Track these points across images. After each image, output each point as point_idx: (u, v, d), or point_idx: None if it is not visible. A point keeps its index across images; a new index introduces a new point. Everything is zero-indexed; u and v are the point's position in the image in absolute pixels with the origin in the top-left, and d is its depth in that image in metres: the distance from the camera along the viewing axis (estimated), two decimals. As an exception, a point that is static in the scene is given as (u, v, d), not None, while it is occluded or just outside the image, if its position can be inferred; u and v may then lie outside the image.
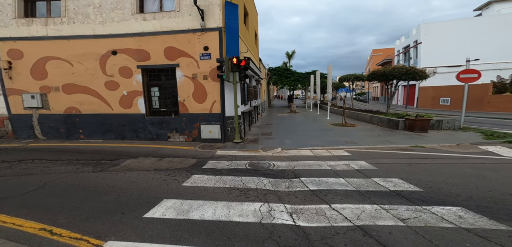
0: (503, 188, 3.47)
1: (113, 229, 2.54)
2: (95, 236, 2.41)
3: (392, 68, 10.68)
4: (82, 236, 2.41)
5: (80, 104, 7.86)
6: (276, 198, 3.33)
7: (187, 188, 3.73)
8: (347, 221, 2.65)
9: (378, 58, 41.62)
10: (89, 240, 2.34)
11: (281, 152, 6.12)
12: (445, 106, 20.52)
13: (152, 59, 7.30)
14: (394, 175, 4.13)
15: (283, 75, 24.57)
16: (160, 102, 7.75)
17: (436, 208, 2.85)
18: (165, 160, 5.49)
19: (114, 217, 2.81)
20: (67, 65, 7.62)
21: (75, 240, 2.34)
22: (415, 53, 25.58)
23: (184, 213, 2.91)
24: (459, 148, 6.11)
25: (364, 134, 8.33)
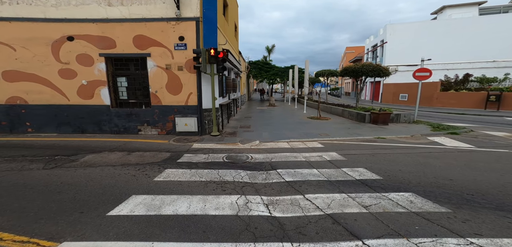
0: (444, 173, 4.10)
1: (69, 229, 2.33)
2: (46, 237, 2.19)
3: (361, 65, 11.52)
4: (29, 239, 2.16)
5: (26, 94, 6.83)
6: (253, 190, 3.42)
7: (159, 183, 3.59)
8: (318, 210, 2.86)
9: (350, 56, 44.32)
10: (39, 242, 2.12)
11: (259, 145, 6.23)
12: (404, 102, 23.01)
13: (119, 48, 6.64)
14: (360, 164, 4.56)
15: (263, 69, 24.65)
16: (129, 93, 7.15)
17: (392, 194, 3.25)
18: (134, 154, 5.16)
19: (70, 217, 2.57)
20: (8, 50, 6.50)
21: (21, 243, 2.09)
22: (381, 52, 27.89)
23: (155, 208, 2.81)
24: (412, 139, 6.97)
25: (336, 127, 8.94)
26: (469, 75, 19.02)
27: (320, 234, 2.38)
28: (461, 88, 18.69)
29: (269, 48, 36.05)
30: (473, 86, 18.78)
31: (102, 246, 2.09)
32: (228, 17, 10.52)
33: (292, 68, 20.62)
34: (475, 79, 19.10)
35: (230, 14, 11.22)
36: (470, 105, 17.15)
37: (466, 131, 7.97)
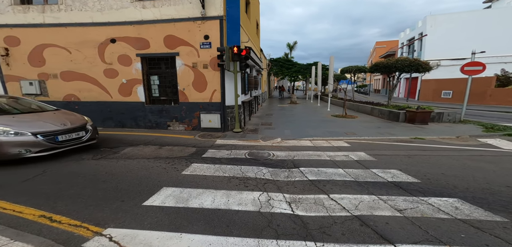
0: (500, 179, 3.49)
1: (112, 217, 2.57)
2: (94, 223, 2.44)
3: (395, 60, 10.52)
4: (81, 223, 2.43)
5: (79, 92, 7.82)
6: (275, 187, 3.37)
7: (186, 177, 3.76)
8: (345, 211, 2.68)
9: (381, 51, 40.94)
10: (89, 227, 2.37)
11: (281, 142, 6.13)
12: (447, 100, 20.40)
13: (152, 48, 7.18)
14: (393, 166, 4.15)
15: (284, 66, 24.31)
16: (160, 91, 7.69)
17: (433, 199, 2.89)
18: (165, 148, 5.52)
19: (113, 205, 2.84)
20: (65, 52, 7.50)
21: (75, 227, 2.37)
22: (419, 46, 25.14)
23: (183, 201, 2.95)
24: (458, 140, 6.11)
25: (364, 126, 8.33)
26: (533, 68, 15.95)
27: (346, 236, 2.23)
28: (523, 83, 15.79)
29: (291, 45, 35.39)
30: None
31: (138, 234, 2.25)
32: (250, 14, 10.58)
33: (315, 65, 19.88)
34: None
35: (252, 12, 11.26)
36: (535, 103, 14.38)
37: (530, 133, 6.69)
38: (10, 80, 7.81)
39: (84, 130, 5.07)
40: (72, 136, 4.79)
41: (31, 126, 4.32)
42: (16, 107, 5.11)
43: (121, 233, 2.26)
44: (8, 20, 7.36)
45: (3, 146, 3.93)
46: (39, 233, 2.21)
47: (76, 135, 4.88)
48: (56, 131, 4.52)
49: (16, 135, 4.07)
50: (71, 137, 4.77)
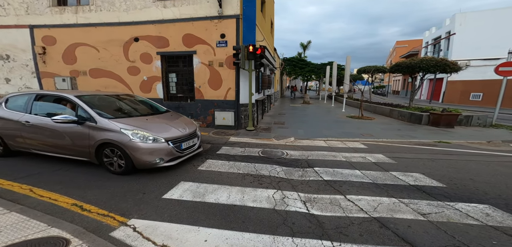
0: (540, 190, 3.17)
1: (135, 208, 2.70)
2: (120, 213, 2.58)
3: (419, 60, 9.94)
4: (108, 213, 2.59)
5: (105, 88, 8.34)
6: (289, 186, 3.35)
7: (202, 172, 3.86)
8: (363, 212, 2.60)
9: (402, 50, 38.86)
10: (115, 217, 2.51)
11: (294, 141, 6.08)
12: (476, 102, 18.88)
13: (171, 46, 7.47)
14: (415, 169, 3.94)
15: (297, 66, 24.00)
16: (177, 88, 7.97)
17: (460, 205, 2.70)
18: None
19: (136, 197, 2.99)
20: (94, 51, 8.05)
21: (103, 216, 2.52)
22: (446, 45, 23.51)
23: (200, 195, 3.03)
24: (489, 145, 5.64)
25: (383, 128, 7.97)
26: None
27: (364, 237, 2.16)
28: None
29: (304, 44, 34.83)
30: None
31: (159, 226, 2.36)
32: (265, 13, 10.58)
33: (330, 64, 19.37)
34: None
35: (267, 11, 11.25)
36: None
37: None
38: (45, 76, 8.54)
39: (196, 136, 4.48)
40: (189, 143, 4.18)
41: (161, 130, 3.78)
42: (136, 107, 4.59)
43: (143, 224, 2.37)
44: (46, 20, 8.05)
45: (143, 153, 3.44)
46: (72, 220, 2.39)
47: (192, 142, 4.27)
48: (181, 137, 3.96)
49: (154, 142, 3.57)
50: (189, 144, 4.16)
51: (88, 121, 3.59)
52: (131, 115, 4.13)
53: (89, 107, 3.68)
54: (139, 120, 3.95)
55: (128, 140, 3.42)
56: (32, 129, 3.90)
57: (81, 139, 3.62)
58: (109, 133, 3.50)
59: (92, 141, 3.56)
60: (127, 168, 3.56)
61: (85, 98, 3.89)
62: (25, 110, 4.01)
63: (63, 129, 3.68)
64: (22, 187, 3.16)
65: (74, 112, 3.70)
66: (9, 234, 2.02)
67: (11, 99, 4.32)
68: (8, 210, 2.41)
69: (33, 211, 2.45)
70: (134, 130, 3.53)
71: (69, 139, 3.69)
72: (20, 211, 2.42)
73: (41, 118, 3.87)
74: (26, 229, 2.11)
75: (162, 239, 2.13)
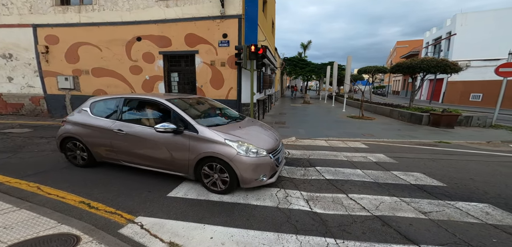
0: (538, 189, 3.23)
1: (142, 206, 2.74)
2: (127, 211, 2.62)
3: (420, 60, 10.00)
4: (115, 211, 2.62)
5: (107, 87, 8.38)
6: (292, 185, 3.40)
7: None
8: (365, 210, 2.65)
9: (402, 51, 38.89)
10: (122, 214, 2.55)
11: (296, 141, 6.12)
12: (476, 103, 18.94)
13: (173, 46, 7.51)
14: (416, 169, 3.99)
15: (297, 66, 24.06)
16: (179, 87, 8.02)
17: (461, 204, 2.75)
18: None
19: (142, 194, 3.03)
20: (97, 50, 8.09)
21: (110, 213, 2.56)
22: (447, 46, 23.54)
23: (204, 194, 3.07)
24: (489, 146, 5.70)
25: (383, 128, 8.03)
26: None
27: (367, 234, 2.21)
28: None
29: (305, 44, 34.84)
30: None
31: (166, 223, 2.40)
32: (266, 13, 10.61)
33: (331, 65, 19.40)
34: None
35: (268, 11, 11.29)
36: None
37: None
38: (48, 75, 8.58)
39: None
40: (282, 154, 3.50)
41: (259, 141, 3.17)
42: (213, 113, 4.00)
43: (150, 222, 2.41)
44: (49, 20, 8.10)
45: (247, 169, 2.83)
46: (80, 218, 2.43)
47: (283, 152, 3.63)
48: (276, 148, 3.30)
49: (257, 155, 2.92)
50: (282, 156, 3.51)
51: (187, 130, 3.05)
52: (219, 124, 3.44)
53: (186, 114, 3.15)
54: (232, 127, 3.34)
55: (235, 154, 2.83)
56: (125, 138, 3.39)
57: (181, 151, 3.07)
58: (213, 144, 2.92)
59: (193, 154, 2.99)
60: (231, 186, 2.97)
61: (176, 102, 3.37)
62: (116, 117, 3.57)
63: (162, 139, 3.14)
64: (30, 185, 3.20)
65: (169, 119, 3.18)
66: (20, 231, 2.07)
67: (97, 104, 3.87)
68: (18, 207, 2.46)
69: (43, 208, 2.49)
70: (239, 140, 2.95)
71: (167, 150, 3.14)
72: (30, 208, 2.46)
73: (137, 126, 3.35)
74: (37, 225, 2.16)
75: (169, 236, 2.17)
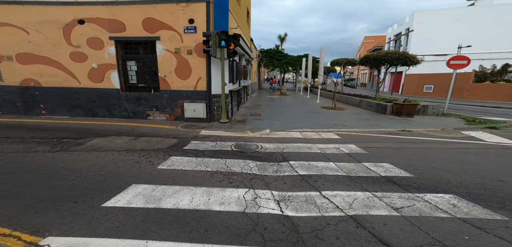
0: (491, 173, 3.46)
1: (58, 221, 2.13)
2: (30, 231, 1.99)
3: (385, 53, 10.54)
4: (12, 232, 1.96)
5: (39, 76, 6.93)
6: (262, 183, 3.08)
7: (162, 172, 3.35)
8: (338, 210, 2.45)
9: (369, 45, 41.68)
10: (21, 236, 1.91)
11: (270, 133, 5.85)
12: (429, 94, 21.24)
13: (128, 31, 6.46)
14: (384, 159, 4.02)
15: (274, 58, 23.94)
16: (138, 78, 7.02)
17: (429, 196, 2.74)
18: (141, 139, 5.00)
19: (63, 207, 2.38)
20: (22, 33, 6.57)
21: (2, 237, 1.90)
22: (405, 41, 25.73)
23: (155, 200, 2.56)
24: (443, 133, 6.19)
25: (353, 118, 8.28)
26: (508, 66, 16.91)
27: (341, 240, 1.99)
28: (499, 79, 16.72)
29: (282, 37, 34.95)
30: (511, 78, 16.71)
31: (88, 243, 1.85)
32: (240, 1, 9.96)
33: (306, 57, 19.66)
34: (515, 70, 16.96)
35: (242, -2, 10.62)
36: (507, 99, 15.34)
37: (507, 126, 6.96)
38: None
39: None
40: None
41: None
42: None
43: (64, 243, 1.83)
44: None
45: None
46: None
47: None
48: None
49: None
50: None
51: None
52: None
53: None
54: None
55: None
56: None
57: None
58: None
59: None
60: None
61: None
62: None
63: None
64: None
65: None
66: None
67: None
68: None
69: None
70: None
71: None
72: None
73: None
74: None
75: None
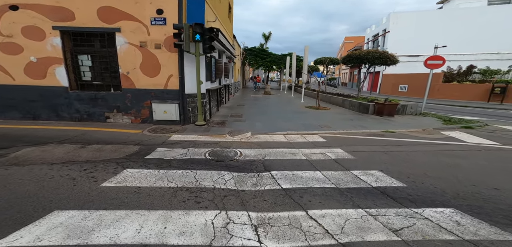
0: (482, 179, 3.26)
1: None
2: None
3: (366, 52, 10.58)
4: None
5: None
6: (238, 202, 2.53)
7: (106, 191, 2.63)
8: (328, 236, 1.99)
9: (349, 46, 43.13)
10: None
11: (251, 137, 5.32)
12: (403, 93, 22.32)
13: (79, 20, 5.46)
14: (373, 166, 3.70)
15: (259, 56, 23.48)
16: (95, 74, 6.01)
17: (428, 211, 2.40)
18: (90, 147, 4.14)
19: None
20: None
21: None
22: (383, 41, 26.85)
23: (83, 233, 1.88)
24: (425, 133, 6.18)
25: (337, 118, 8.09)
26: (472, 67, 18.32)
27: (335, 286, 1.51)
28: (464, 80, 18.04)
29: (266, 35, 34.72)
30: (476, 78, 18.14)
31: None
32: (220, -8, 9.25)
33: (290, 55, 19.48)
34: (478, 71, 18.43)
35: (223, -10, 9.92)
36: (473, 98, 16.57)
37: (481, 125, 7.23)
38: None
39: None
40: None
41: None
42: None
43: None
44: None
45: None
46: None
47: None
48: None
49: None
50: None
51: None
52: None
53: None
54: None
55: None
56: None
57: None
58: None
59: None
60: None
61: None
62: None
63: None
64: None
65: None
66: None
67: None
68: None
69: None
70: None
71: None
72: None
73: None
74: None
75: None
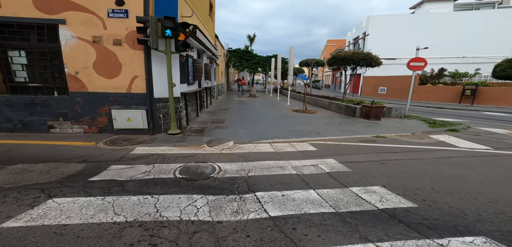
0: (496, 193, 2.85)
1: None
2: None
3: (351, 53, 10.48)
4: None
5: None
6: (211, 242, 1.84)
7: (5, 234, 1.77)
8: None
9: (331, 48, 44.38)
10: None
11: (233, 147, 4.61)
12: (382, 95, 23.12)
13: (5, 9, 4.40)
14: (373, 179, 3.20)
15: (243, 58, 22.86)
16: (31, 74, 4.87)
17: (455, 243, 1.89)
18: (11, 168, 3.15)
19: None
20: None
21: None
22: (363, 44, 27.77)
23: None
24: (415, 138, 5.96)
25: (326, 122, 7.69)
26: (443, 70, 19.48)
27: None
28: (437, 82, 19.08)
29: (251, 37, 34.47)
30: (446, 81, 19.30)
31: None
32: (198, -13, 8.45)
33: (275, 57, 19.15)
34: (448, 74, 19.66)
35: (202, -14, 9.12)
36: (445, 99, 17.51)
37: (464, 128, 7.27)
38: None
39: None
40: None
41: None
42: None
43: None
44: None
45: None
46: None
47: None
48: None
49: None
50: None
51: None
52: None
53: None
54: None
55: None
56: None
57: None
58: None
59: None
60: None
61: None
62: None
63: None
64: None
65: None
66: None
67: None
68: None
69: None
70: None
71: None
72: None
73: None
74: None
75: None
